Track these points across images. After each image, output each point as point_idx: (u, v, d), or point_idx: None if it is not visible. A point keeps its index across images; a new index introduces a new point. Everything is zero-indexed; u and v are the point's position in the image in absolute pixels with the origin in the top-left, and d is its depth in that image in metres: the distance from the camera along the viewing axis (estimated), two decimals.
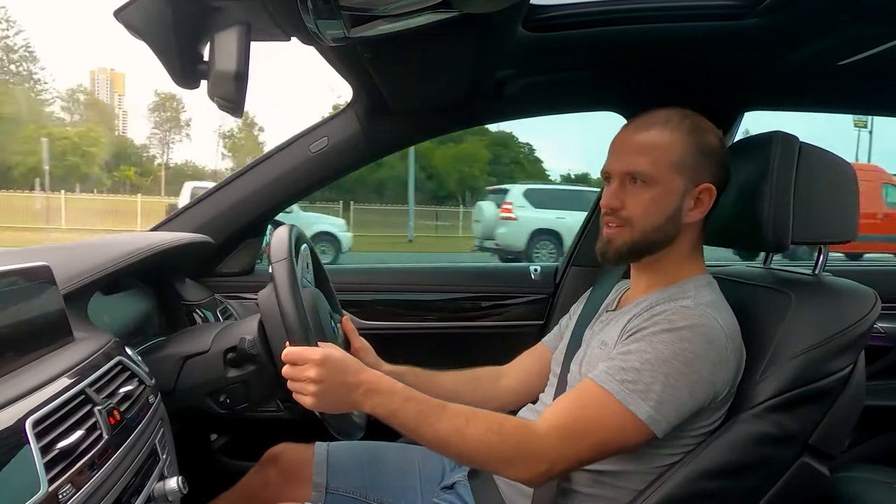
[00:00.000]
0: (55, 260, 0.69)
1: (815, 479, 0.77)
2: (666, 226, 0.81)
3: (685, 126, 0.81)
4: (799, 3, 0.87)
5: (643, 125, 0.83)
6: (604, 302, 0.97)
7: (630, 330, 0.78)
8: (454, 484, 0.96)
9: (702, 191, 0.81)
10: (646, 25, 1.00)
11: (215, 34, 0.68)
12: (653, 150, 0.80)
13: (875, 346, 1.37)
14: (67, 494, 0.50)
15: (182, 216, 1.32)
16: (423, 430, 0.72)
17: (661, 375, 0.72)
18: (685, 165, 0.80)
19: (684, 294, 0.80)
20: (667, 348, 0.73)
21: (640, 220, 0.81)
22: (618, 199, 0.82)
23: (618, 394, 0.72)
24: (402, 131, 1.34)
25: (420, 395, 0.74)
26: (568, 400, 0.77)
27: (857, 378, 0.79)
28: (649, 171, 0.80)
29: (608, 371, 0.74)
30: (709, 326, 0.74)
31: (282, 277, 0.75)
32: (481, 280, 1.51)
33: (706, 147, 0.81)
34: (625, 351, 0.75)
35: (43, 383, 0.56)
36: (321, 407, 0.72)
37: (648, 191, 0.80)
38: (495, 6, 0.71)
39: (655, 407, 0.71)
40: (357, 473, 0.99)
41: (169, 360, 0.86)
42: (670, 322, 0.74)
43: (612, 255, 0.84)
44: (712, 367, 0.73)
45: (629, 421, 0.72)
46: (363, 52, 0.90)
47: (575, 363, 0.88)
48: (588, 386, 0.75)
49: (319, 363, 0.71)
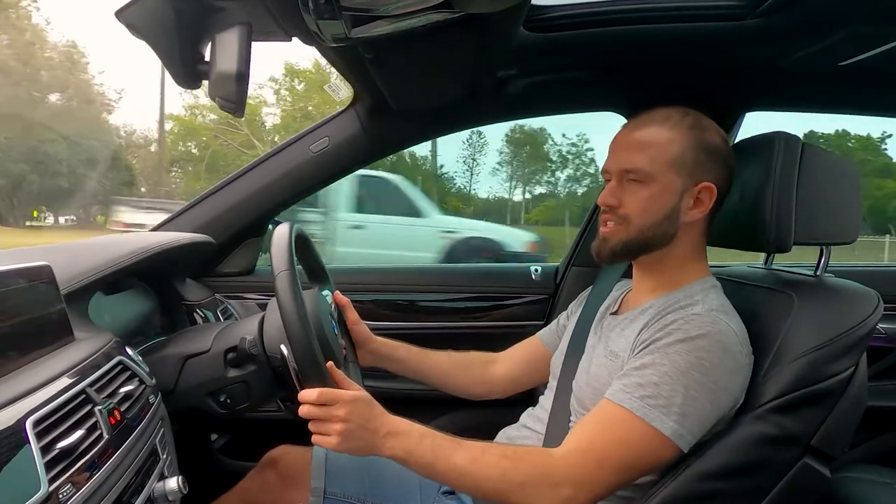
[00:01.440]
0: (56, 260, 0.69)
1: (817, 480, 0.77)
2: (663, 224, 0.80)
3: (685, 123, 0.80)
4: (799, 4, 0.87)
5: (643, 122, 0.82)
6: (604, 303, 0.96)
7: (643, 342, 0.76)
8: (455, 490, 0.96)
9: (702, 189, 0.80)
10: (646, 26, 1.00)
11: (217, 34, 0.69)
12: (651, 147, 0.80)
13: (877, 347, 1.37)
14: (67, 494, 0.50)
15: (183, 216, 1.32)
16: (439, 464, 0.71)
17: (681, 387, 0.70)
18: (684, 163, 0.79)
19: (692, 299, 0.79)
20: (683, 359, 0.71)
21: (637, 218, 0.80)
22: (615, 197, 0.82)
23: (638, 411, 0.70)
24: (403, 131, 1.34)
25: (436, 432, 0.74)
26: (587, 423, 0.75)
27: (860, 379, 0.78)
28: (646, 168, 0.79)
29: (625, 388, 0.72)
30: (723, 333, 0.73)
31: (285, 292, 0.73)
32: (481, 280, 1.51)
33: (707, 145, 0.80)
34: (639, 365, 0.73)
35: (43, 383, 0.56)
36: (344, 448, 0.72)
37: (646, 188, 0.79)
38: (496, 6, 0.71)
39: (679, 421, 0.70)
40: (356, 478, 0.98)
41: (169, 359, 0.86)
42: (684, 332, 0.73)
43: (608, 253, 0.84)
44: (730, 374, 0.73)
45: (654, 438, 0.70)
46: (364, 52, 0.90)
47: (581, 371, 0.87)
48: (606, 407, 0.73)
49: (350, 402, 0.71)
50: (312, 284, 1.01)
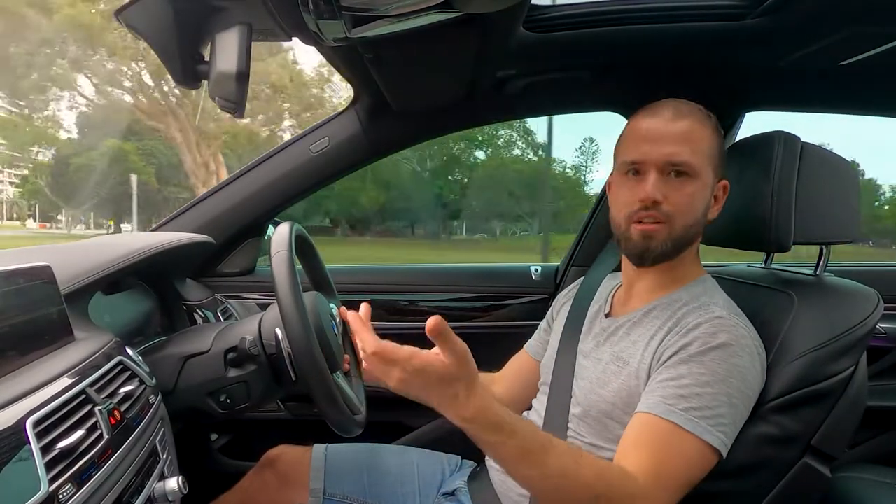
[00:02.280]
0: (56, 260, 0.69)
1: (817, 479, 0.77)
2: (700, 222, 0.79)
3: (712, 119, 0.80)
4: (799, 4, 0.87)
5: (677, 114, 0.77)
6: (592, 303, 0.94)
7: (669, 350, 0.73)
8: (455, 490, 0.95)
9: (721, 187, 0.80)
10: (646, 25, 1.00)
11: (217, 34, 0.69)
12: (693, 140, 0.76)
13: (877, 347, 1.37)
14: (67, 494, 0.50)
15: (183, 216, 1.32)
16: (520, 469, 0.63)
17: (724, 396, 0.69)
18: (715, 158, 0.78)
19: (699, 301, 0.78)
20: (721, 367, 0.69)
21: (682, 216, 0.76)
22: (661, 193, 0.75)
23: (686, 424, 0.68)
24: (404, 131, 1.34)
25: (531, 429, 0.64)
26: (641, 441, 0.69)
27: (860, 379, 0.78)
28: (692, 161, 0.75)
29: (666, 401, 0.69)
30: (749, 338, 0.73)
31: (281, 268, 0.74)
32: (481, 280, 1.51)
33: (723, 143, 0.81)
34: (675, 375, 0.70)
35: (43, 383, 0.56)
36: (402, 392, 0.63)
37: (691, 183, 0.76)
38: (496, 6, 0.71)
39: (725, 432, 0.69)
40: (355, 478, 0.98)
41: (169, 359, 0.86)
42: (714, 337, 0.71)
43: (655, 253, 0.78)
44: (759, 377, 0.73)
45: (703, 449, 0.68)
46: (364, 52, 0.90)
47: (582, 378, 0.83)
48: (652, 422, 0.69)
49: (411, 373, 0.60)
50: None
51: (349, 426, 0.79)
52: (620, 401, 0.76)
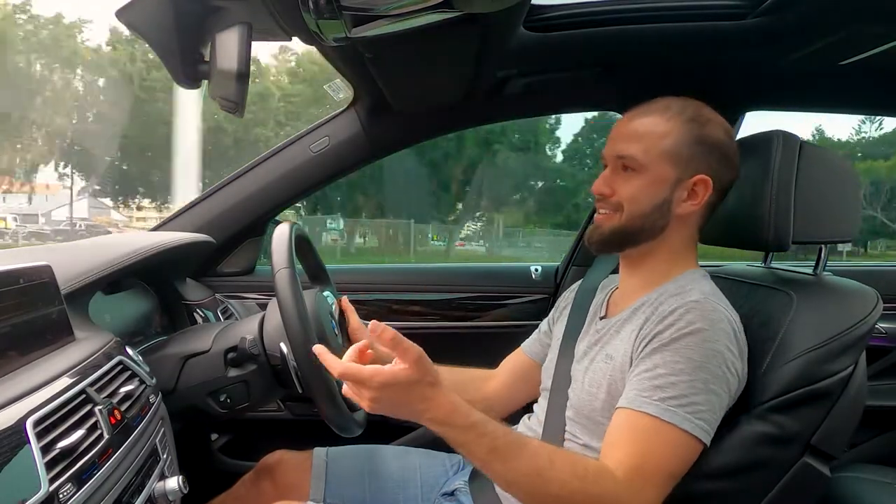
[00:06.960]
0: (56, 260, 0.69)
1: (816, 479, 0.77)
2: (653, 214, 0.79)
3: (685, 115, 0.79)
4: (799, 4, 0.87)
5: (642, 112, 0.82)
6: (591, 306, 0.94)
7: (644, 339, 0.74)
8: (455, 491, 0.94)
9: (696, 182, 0.79)
10: (646, 25, 1.01)
11: (217, 34, 0.69)
12: (646, 136, 0.79)
13: (876, 347, 1.37)
14: (67, 494, 0.50)
15: (183, 216, 1.32)
16: (494, 465, 0.66)
17: (700, 383, 0.69)
18: (679, 155, 0.78)
19: (683, 289, 0.78)
20: (696, 353, 0.69)
21: (628, 206, 0.80)
22: (608, 186, 0.81)
23: (663, 414, 0.68)
24: (404, 131, 1.34)
25: (501, 427, 0.67)
26: (620, 437, 0.71)
27: (859, 378, 0.78)
28: (639, 156, 0.78)
29: (641, 394, 0.70)
30: (725, 321, 0.73)
31: (285, 290, 0.74)
32: (481, 280, 1.51)
33: (706, 138, 0.79)
34: (650, 366, 0.71)
35: (44, 383, 0.56)
36: (378, 412, 0.66)
37: (638, 177, 0.79)
38: (496, 6, 0.71)
39: (704, 419, 0.69)
40: (356, 483, 0.96)
41: (170, 359, 0.86)
42: (688, 322, 0.71)
43: (597, 239, 0.83)
44: (734, 359, 0.72)
45: (684, 439, 0.68)
46: (364, 52, 0.90)
47: (576, 380, 0.84)
48: (629, 416, 0.70)
49: (378, 387, 0.63)
50: (313, 285, 1.01)
51: (349, 426, 0.79)
52: (609, 397, 0.77)
